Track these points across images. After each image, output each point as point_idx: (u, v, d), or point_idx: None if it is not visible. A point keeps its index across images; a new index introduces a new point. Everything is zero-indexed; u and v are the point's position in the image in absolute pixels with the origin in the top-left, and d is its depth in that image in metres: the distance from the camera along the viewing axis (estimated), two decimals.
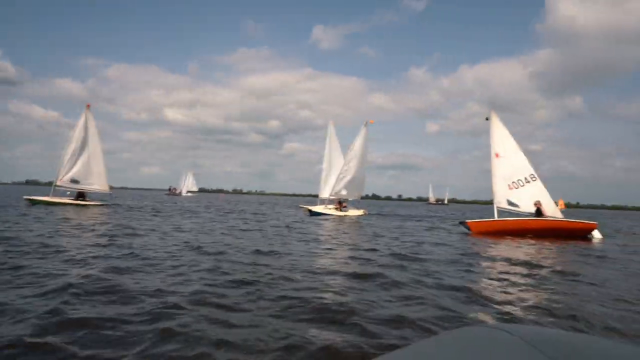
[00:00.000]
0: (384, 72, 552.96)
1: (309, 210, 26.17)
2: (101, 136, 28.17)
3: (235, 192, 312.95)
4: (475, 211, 45.69)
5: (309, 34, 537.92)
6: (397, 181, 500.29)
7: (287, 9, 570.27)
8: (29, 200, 24.51)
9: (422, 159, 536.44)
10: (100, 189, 27.20)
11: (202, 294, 5.01)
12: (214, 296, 4.92)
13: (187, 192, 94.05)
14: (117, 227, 12.93)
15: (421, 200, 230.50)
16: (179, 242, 10.05)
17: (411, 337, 3.80)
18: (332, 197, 26.57)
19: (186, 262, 7.19)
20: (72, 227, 12.62)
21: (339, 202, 26.51)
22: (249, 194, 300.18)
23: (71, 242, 9.46)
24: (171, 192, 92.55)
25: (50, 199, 24.61)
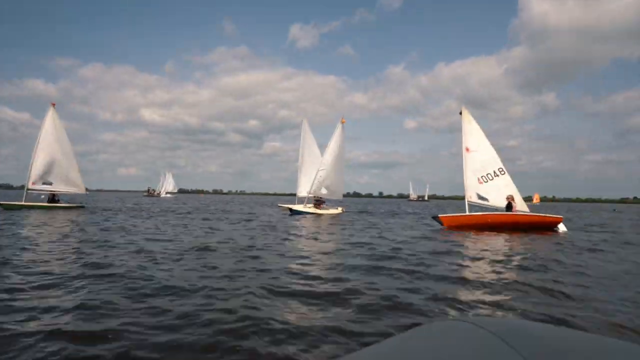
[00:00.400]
0: (363, 71, 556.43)
1: (289, 209, 26.24)
2: (74, 137, 27.69)
3: (215, 192, 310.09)
4: (455, 206, 46.44)
5: (286, 33, 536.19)
6: (378, 179, 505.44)
7: (263, 8, 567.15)
8: (2, 205, 23.94)
9: (401, 156, 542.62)
10: (74, 190, 26.53)
11: None
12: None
13: (166, 194, 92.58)
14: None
15: (402, 197, 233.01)
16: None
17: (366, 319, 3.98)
18: (311, 196, 26.59)
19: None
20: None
21: (316, 201, 26.58)
22: (229, 194, 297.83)
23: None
24: (149, 194, 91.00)
25: (23, 203, 24.10)
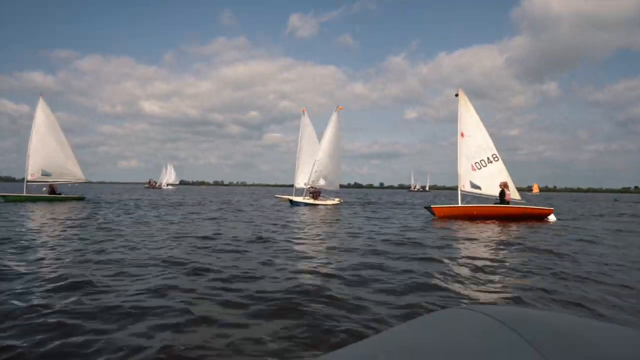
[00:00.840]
0: (363, 61, 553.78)
1: (289, 200, 26.26)
2: (74, 129, 27.84)
3: (216, 184, 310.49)
4: (456, 197, 46.54)
5: (285, 23, 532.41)
6: (378, 169, 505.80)
7: None
8: (3, 197, 24.18)
9: (402, 146, 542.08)
10: (73, 180, 26.55)
11: None
12: None
13: (167, 185, 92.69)
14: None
15: (403, 187, 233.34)
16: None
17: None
18: (309, 187, 26.66)
19: None
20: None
21: (314, 192, 26.64)
22: (230, 185, 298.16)
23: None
24: (150, 186, 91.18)
25: (24, 194, 24.29)
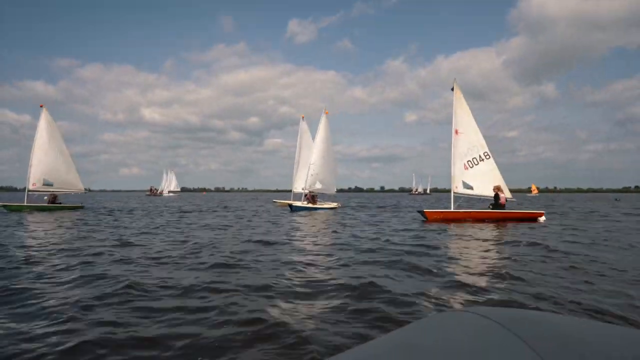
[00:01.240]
0: (362, 65, 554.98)
1: (289, 205, 26.00)
2: (76, 137, 27.99)
3: (217, 190, 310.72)
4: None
5: (285, 28, 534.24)
6: (379, 173, 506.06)
7: (261, 4, 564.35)
8: (4, 206, 24.39)
9: (402, 149, 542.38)
10: (73, 190, 26.90)
11: None
12: None
13: (168, 192, 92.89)
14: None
15: (404, 191, 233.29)
16: None
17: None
18: (306, 191, 26.82)
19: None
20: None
21: (311, 196, 26.67)
22: (231, 191, 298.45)
23: None
24: (152, 193, 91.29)
25: (25, 204, 24.40)
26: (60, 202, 26.19)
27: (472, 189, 17.30)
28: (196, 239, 10.28)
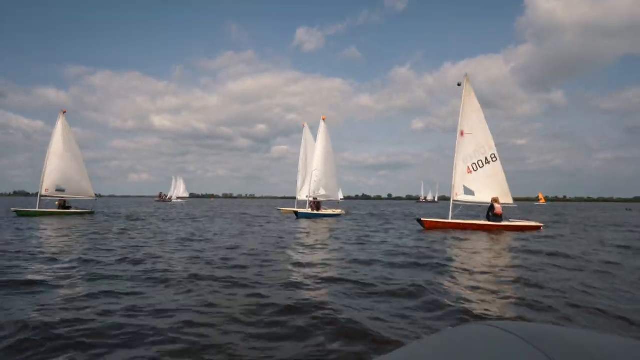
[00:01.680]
0: (368, 72, 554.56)
1: (295, 212, 25.99)
2: (87, 144, 28.31)
3: (225, 196, 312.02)
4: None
5: (292, 37, 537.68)
6: (386, 180, 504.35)
7: (269, 12, 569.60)
8: (16, 212, 24.79)
9: (410, 157, 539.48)
10: (84, 197, 27.13)
11: None
12: None
13: (177, 199, 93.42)
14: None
15: (411, 198, 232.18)
16: None
17: None
18: (310, 198, 26.93)
19: None
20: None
21: (315, 203, 26.71)
22: (239, 198, 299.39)
23: None
24: (161, 199, 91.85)
25: (36, 210, 24.84)
26: (69, 207, 26.33)
27: (473, 194, 16.72)
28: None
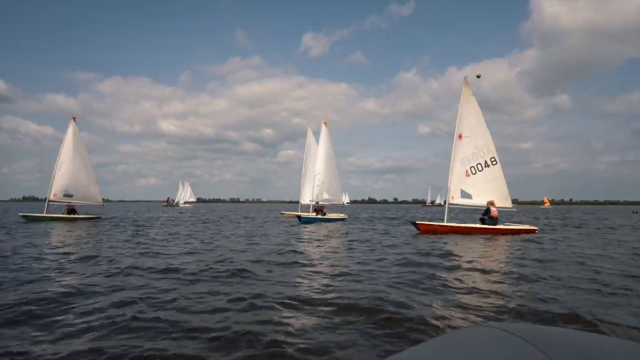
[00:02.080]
0: (374, 77, 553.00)
1: (297, 217, 26.03)
2: (94, 149, 28.37)
3: (232, 201, 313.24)
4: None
5: (299, 42, 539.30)
6: (392, 184, 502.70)
7: (276, 18, 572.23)
8: (24, 217, 24.99)
9: (416, 161, 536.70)
10: (92, 202, 27.23)
11: None
12: None
13: (184, 203, 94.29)
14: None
15: (417, 202, 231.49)
16: None
17: None
18: (313, 202, 27.05)
19: None
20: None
21: (318, 208, 26.76)
22: (246, 202, 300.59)
23: None
24: (168, 204, 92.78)
25: (44, 214, 24.92)
26: (77, 213, 26.17)
27: (470, 197, 16.51)
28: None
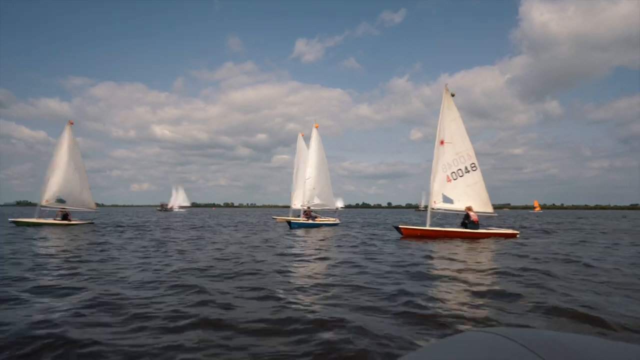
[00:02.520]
0: (367, 83, 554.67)
1: (288, 222, 25.71)
2: (88, 154, 28.38)
3: (227, 205, 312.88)
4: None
5: (292, 48, 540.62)
6: (386, 189, 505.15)
7: (269, 25, 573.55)
8: (14, 222, 24.50)
9: (408, 166, 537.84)
10: (85, 208, 26.90)
11: None
12: None
13: (178, 208, 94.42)
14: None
15: (410, 207, 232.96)
16: None
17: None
18: (304, 207, 26.91)
19: None
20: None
21: (306, 212, 26.68)
22: (240, 207, 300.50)
23: None
24: (163, 208, 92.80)
25: (35, 220, 24.40)
26: (69, 218, 25.62)
27: (452, 202, 16.82)
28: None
